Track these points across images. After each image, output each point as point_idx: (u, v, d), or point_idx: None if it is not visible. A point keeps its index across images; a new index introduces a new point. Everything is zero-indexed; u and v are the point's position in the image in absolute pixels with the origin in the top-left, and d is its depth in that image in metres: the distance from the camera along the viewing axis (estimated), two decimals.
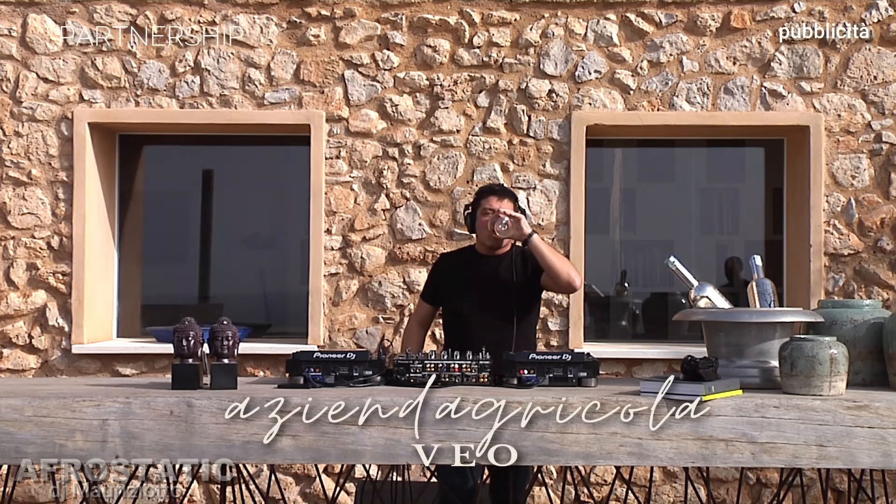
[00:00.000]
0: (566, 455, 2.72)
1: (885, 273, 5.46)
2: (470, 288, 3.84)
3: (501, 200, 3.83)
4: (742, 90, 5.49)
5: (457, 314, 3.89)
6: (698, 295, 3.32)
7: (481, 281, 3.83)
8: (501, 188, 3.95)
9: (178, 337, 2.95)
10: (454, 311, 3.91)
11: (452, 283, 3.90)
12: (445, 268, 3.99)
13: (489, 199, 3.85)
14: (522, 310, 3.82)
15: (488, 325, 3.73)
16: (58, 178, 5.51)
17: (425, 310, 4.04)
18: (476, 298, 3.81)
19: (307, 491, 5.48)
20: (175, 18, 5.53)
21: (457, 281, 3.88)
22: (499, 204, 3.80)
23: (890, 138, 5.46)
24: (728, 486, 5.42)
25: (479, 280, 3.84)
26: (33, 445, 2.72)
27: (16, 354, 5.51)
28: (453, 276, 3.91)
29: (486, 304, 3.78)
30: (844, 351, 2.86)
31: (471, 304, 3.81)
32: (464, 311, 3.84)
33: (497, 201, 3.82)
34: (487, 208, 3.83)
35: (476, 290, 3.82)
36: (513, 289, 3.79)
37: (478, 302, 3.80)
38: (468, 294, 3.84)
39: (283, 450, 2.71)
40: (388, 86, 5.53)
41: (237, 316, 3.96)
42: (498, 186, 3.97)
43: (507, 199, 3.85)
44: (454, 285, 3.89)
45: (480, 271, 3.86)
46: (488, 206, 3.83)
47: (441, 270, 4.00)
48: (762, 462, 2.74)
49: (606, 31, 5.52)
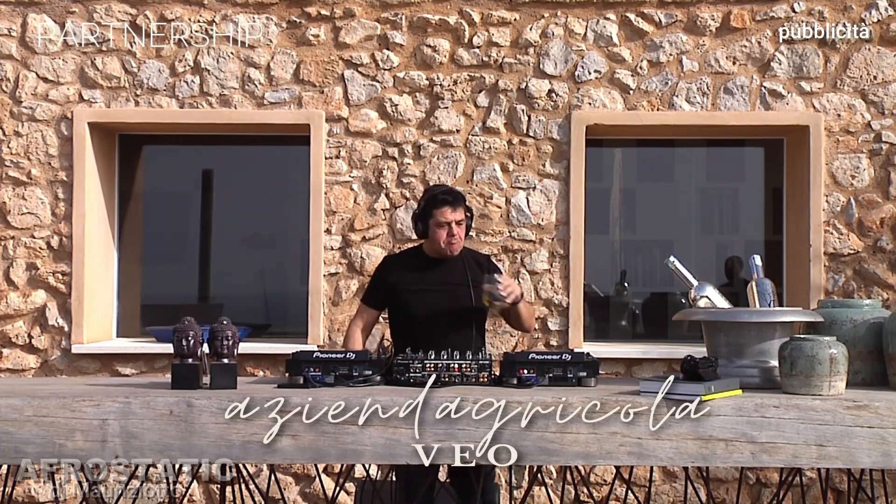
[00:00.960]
0: (566, 455, 2.72)
1: (884, 273, 5.46)
2: (422, 290, 3.82)
3: (455, 211, 3.79)
4: (742, 90, 5.49)
5: (407, 317, 3.85)
6: (698, 295, 3.32)
7: (434, 283, 3.82)
8: (453, 196, 3.84)
9: (177, 337, 2.94)
10: (405, 313, 3.86)
11: (402, 286, 3.85)
12: (393, 271, 3.93)
13: (443, 210, 3.78)
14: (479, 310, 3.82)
15: (445, 326, 3.72)
16: (57, 178, 5.51)
17: (369, 314, 3.96)
18: (428, 301, 3.79)
19: (307, 491, 5.48)
20: (175, 18, 5.53)
21: (409, 283, 3.85)
22: (453, 215, 3.78)
23: (890, 138, 5.46)
24: (728, 486, 5.42)
25: (432, 282, 3.83)
26: (33, 445, 2.72)
27: (15, 354, 5.51)
28: (404, 277, 3.87)
29: (440, 307, 3.77)
30: (844, 351, 2.86)
31: (423, 306, 3.79)
32: (416, 313, 3.80)
33: (451, 213, 3.78)
34: (442, 221, 3.78)
35: (429, 293, 3.81)
36: (467, 292, 3.77)
37: (430, 304, 3.78)
38: (420, 297, 3.81)
39: (282, 449, 2.71)
40: (388, 85, 5.53)
41: (237, 316, 3.96)
42: (449, 195, 3.85)
43: (461, 208, 3.81)
44: (406, 287, 3.84)
45: (434, 273, 3.85)
46: (442, 217, 3.78)
47: (388, 274, 3.93)
48: (762, 462, 2.74)
49: (606, 31, 5.52)
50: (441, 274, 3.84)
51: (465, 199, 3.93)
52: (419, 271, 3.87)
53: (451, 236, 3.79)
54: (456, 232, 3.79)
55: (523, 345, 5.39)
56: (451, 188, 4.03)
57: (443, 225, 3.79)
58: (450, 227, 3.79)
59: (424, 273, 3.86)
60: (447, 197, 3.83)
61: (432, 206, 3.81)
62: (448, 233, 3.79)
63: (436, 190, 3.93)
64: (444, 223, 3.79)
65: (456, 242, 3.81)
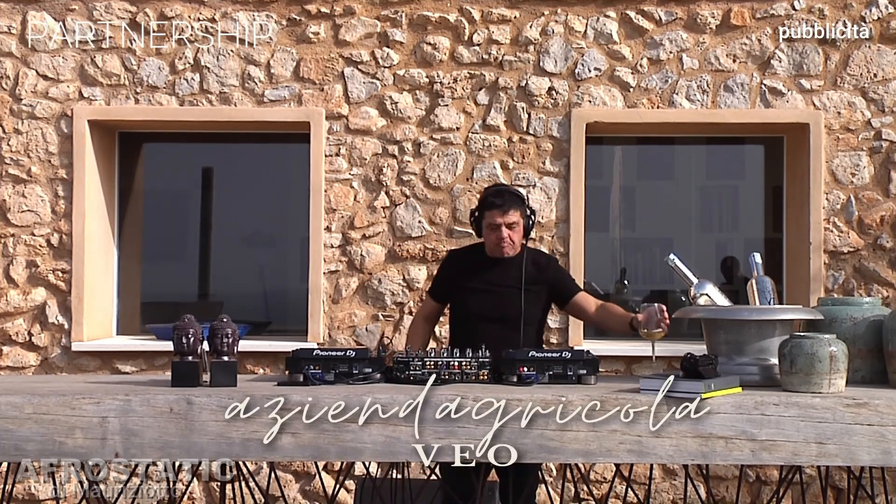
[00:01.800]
0: (566, 452, 2.72)
1: (884, 271, 5.46)
2: (479, 289, 3.80)
3: (506, 214, 3.72)
4: (742, 88, 5.48)
5: (464, 314, 3.85)
6: (698, 292, 3.32)
7: (490, 283, 3.79)
8: (502, 199, 3.75)
9: (177, 334, 2.94)
10: (461, 310, 3.87)
11: (461, 282, 3.84)
12: (455, 266, 3.93)
13: (492, 213, 3.72)
14: (529, 314, 3.78)
15: (495, 327, 3.69)
16: (57, 176, 5.51)
17: (432, 306, 3.99)
18: (484, 300, 3.77)
19: (307, 488, 5.49)
20: (175, 16, 5.53)
21: (466, 280, 3.83)
22: (503, 218, 3.71)
23: (890, 136, 5.46)
24: (728, 484, 5.42)
25: (488, 282, 3.79)
26: (33, 443, 2.72)
27: (15, 352, 5.52)
28: (462, 275, 3.86)
29: (494, 306, 3.75)
30: (844, 348, 2.86)
31: (479, 304, 3.78)
32: (471, 311, 3.80)
33: (501, 216, 3.72)
34: (492, 223, 3.73)
35: (484, 292, 3.78)
36: (521, 294, 3.74)
37: (486, 303, 3.76)
38: (477, 295, 3.79)
39: (282, 447, 2.71)
40: (388, 83, 5.53)
41: (237, 313, 3.96)
42: (499, 198, 3.75)
43: (512, 211, 3.72)
44: (463, 284, 3.83)
45: (490, 273, 3.81)
46: (492, 220, 3.73)
47: (450, 268, 3.94)
48: (762, 459, 2.74)
49: (606, 29, 5.51)
50: (496, 275, 3.79)
51: (523, 198, 3.84)
52: (476, 270, 3.83)
53: (500, 240, 3.72)
54: (506, 235, 3.72)
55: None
56: (505, 189, 3.88)
57: (493, 228, 3.73)
58: (499, 230, 3.72)
59: (481, 272, 3.81)
60: (496, 199, 3.74)
61: (484, 208, 3.76)
62: (498, 236, 3.72)
63: (488, 191, 3.85)
64: (494, 226, 3.73)
65: (507, 246, 3.73)
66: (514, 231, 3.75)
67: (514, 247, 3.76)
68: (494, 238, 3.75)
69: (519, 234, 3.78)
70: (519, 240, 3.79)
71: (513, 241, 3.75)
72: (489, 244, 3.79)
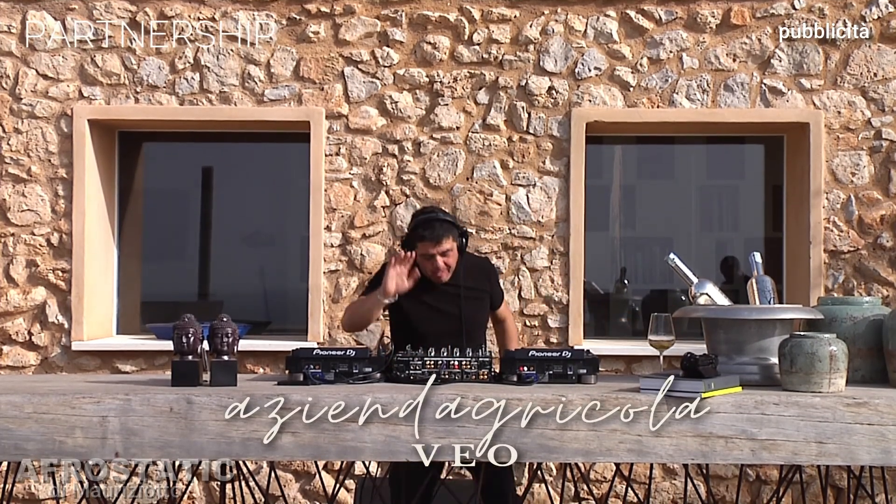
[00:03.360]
0: (566, 452, 2.72)
1: (884, 270, 5.46)
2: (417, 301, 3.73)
3: (438, 245, 3.65)
4: (742, 87, 5.48)
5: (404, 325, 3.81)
6: (698, 292, 3.32)
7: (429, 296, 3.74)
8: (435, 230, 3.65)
9: (177, 334, 2.94)
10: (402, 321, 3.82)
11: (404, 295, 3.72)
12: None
13: (425, 245, 3.67)
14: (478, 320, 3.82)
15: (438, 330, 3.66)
16: (57, 175, 5.51)
17: None
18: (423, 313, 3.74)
19: (307, 488, 5.49)
20: (175, 15, 5.53)
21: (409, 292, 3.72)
22: (436, 249, 3.65)
23: (890, 135, 5.46)
24: (728, 483, 5.42)
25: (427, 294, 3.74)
26: (33, 442, 2.72)
27: (15, 351, 5.52)
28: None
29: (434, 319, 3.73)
30: (844, 348, 2.86)
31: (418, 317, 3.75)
32: (411, 323, 3.76)
33: (433, 247, 3.65)
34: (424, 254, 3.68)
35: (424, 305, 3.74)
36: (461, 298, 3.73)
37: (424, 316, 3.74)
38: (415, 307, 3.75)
39: (283, 446, 2.71)
40: (388, 83, 5.53)
41: (237, 313, 3.96)
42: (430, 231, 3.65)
43: (445, 240, 3.66)
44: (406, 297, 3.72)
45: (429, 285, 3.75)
46: (424, 251, 3.68)
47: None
48: (762, 459, 2.74)
49: (606, 28, 5.51)
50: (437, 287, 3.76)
51: (453, 222, 3.74)
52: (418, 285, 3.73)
53: (437, 269, 3.70)
54: (441, 264, 3.68)
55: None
56: (433, 217, 3.72)
57: (428, 258, 3.70)
58: (434, 260, 3.69)
59: (422, 283, 3.73)
60: (426, 232, 3.67)
61: (415, 240, 3.70)
62: (434, 265, 3.70)
63: (418, 220, 3.74)
64: (428, 255, 3.70)
65: (443, 273, 3.71)
66: (449, 256, 3.70)
67: (450, 271, 3.73)
68: (430, 267, 3.70)
69: (454, 257, 3.73)
70: (454, 262, 3.74)
71: (448, 265, 3.71)
72: (425, 272, 3.72)
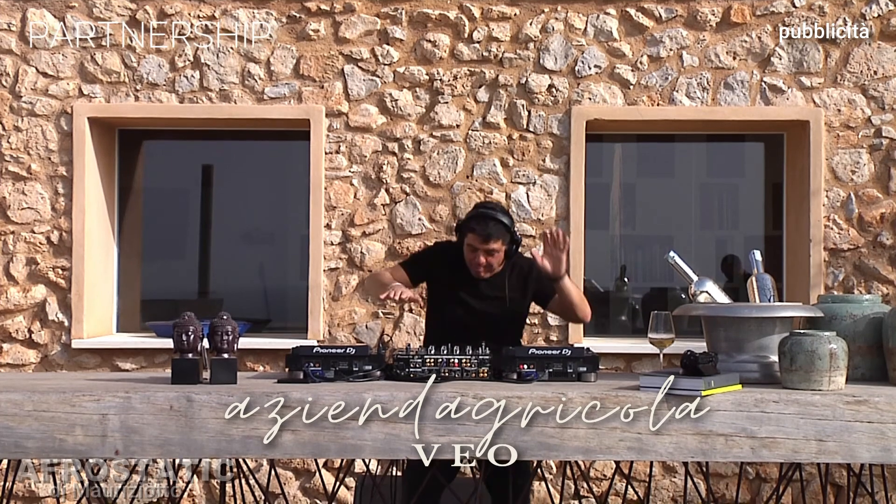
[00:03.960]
0: (566, 450, 2.72)
1: (884, 268, 5.46)
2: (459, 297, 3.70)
3: (486, 243, 3.57)
4: (742, 85, 5.48)
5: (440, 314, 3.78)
6: (698, 290, 3.32)
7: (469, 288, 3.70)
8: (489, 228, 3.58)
9: (177, 332, 2.94)
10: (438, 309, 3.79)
11: (443, 283, 3.75)
12: (443, 261, 3.79)
13: (474, 237, 3.59)
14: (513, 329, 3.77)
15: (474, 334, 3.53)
16: (57, 173, 5.51)
17: (402, 277, 3.72)
18: (461, 305, 3.69)
19: (307, 486, 5.49)
20: (175, 13, 5.53)
21: (448, 282, 3.73)
22: (483, 245, 3.58)
23: (890, 133, 5.46)
24: (727, 481, 5.43)
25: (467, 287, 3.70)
26: (33, 440, 2.72)
27: (15, 349, 5.52)
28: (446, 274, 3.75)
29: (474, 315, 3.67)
30: (844, 346, 2.86)
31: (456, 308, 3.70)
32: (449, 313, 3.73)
33: (481, 242, 3.58)
34: (470, 245, 3.63)
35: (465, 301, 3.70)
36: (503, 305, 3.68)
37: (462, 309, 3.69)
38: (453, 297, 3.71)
39: (283, 445, 2.71)
40: (388, 80, 5.53)
41: (237, 311, 3.94)
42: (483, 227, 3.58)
43: (493, 241, 3.58)
44: (444, 286, 3.74)
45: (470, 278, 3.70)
46: (471, 242, 3.63)
47: (437, 261, 3.80)
48: (761, 457, 2.74)
49: (606, 26, 5.51)
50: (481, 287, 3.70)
51: (509, 227, 3.63)
52: (459, 271, 3.72)
53: (478, 264, 3.63)
54: (483, 261, 3.61)
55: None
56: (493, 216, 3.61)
57: (472, 249, 3.64)
58: (477, 255, 3.62)
59: (464, 275, 3.70)
60: (476, 227, 3.59)
61: (466, 229, 3.64)
62: (476, 259, 3.63)
63: (475, 212, 3.69)
64: (473, 248, 3.64)
65: (482, 270, 3.64)
66: (494, 257, 3.64)
67: (490, 270, 3.66)
68: (472, 258, 3.65)
69: (499, 259, 3.66)
70: (498, 264, 3.67)
71: (490, 265, 3.64)
72: (467, 260, 3.68)
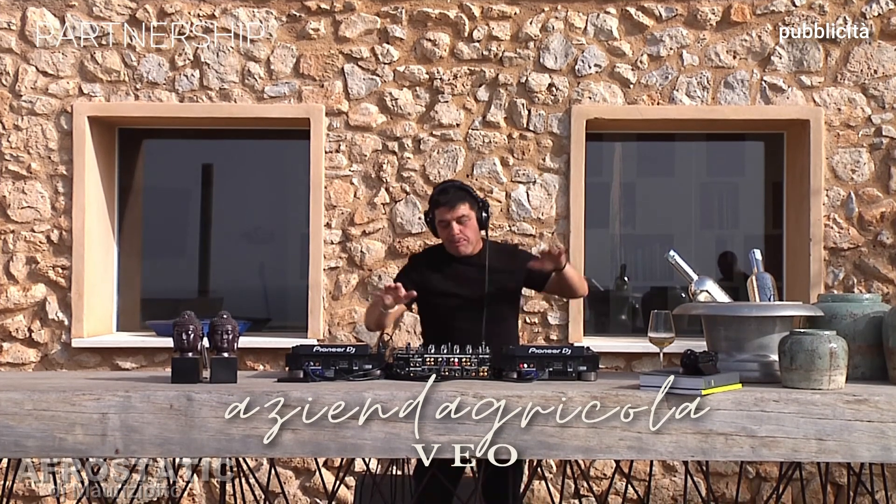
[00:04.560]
0: (566, 449, 2.73)
1: (884, 267, 5.46)
2: (446, 289, 3.73)
3: (453, 210, 3.65)
4: (742, 84, 5.48)
5: (434, 313, 3.80)
6: (698, 289, 3.32)
7: (457, 283, 3.73)
8: (448, 194, 3.69)
9: (177, 331, 2.94)
10: (431, 310, 3.81)
11: (427, 285, 3.74)
12: (418, 269, 3.83)
13: (440, 211, 3.68)
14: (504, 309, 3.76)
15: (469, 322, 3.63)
16: (57, 172, 5.51)
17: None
18: (453, 298, 3.71)
19: (307, 485, 5.49)
20: (175, 12, 5.52)
21: (431, 283, 3.75)
22: (451, 214, 3.65)
23: (890, 132, 5.46)
24: (727, 480, 5.43)
25: (455, 282, 3.73)
26: (33, 439, 2.72)
27: (15, 348, 5.52)
28: (427, 277, 3.77)
29: (465, 303, 3.69)
30: (844, 345, 2.86)
31: (448, 302, 3.72)
32: (440, 310, 3.75)
33: (448, 212, 3.65)
34: (441, 220, 3.69)
35: (453, 291, 3.72)
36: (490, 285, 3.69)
37: (456, 301, 3.71)
38: (444, 294, 3.73)
39: (283, 444, 2.72)
40: (388, 80, 5.53)
41: (237, 310, 3.95)
42: (444, 196, 3.69)
43: (459, 205, 3.66)
44: (429, 286, 3.74)
45: (455, 272, 3.74)
46: (441, 218, 3.69)
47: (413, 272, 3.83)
48: (761, 456, 2.74)
49: (606, 25, 5.51)
50: (462, 272, 3.74)
51: (469, 191, 3.75)
52: (441, 271, 3.77)
53: (452, 236, 3.68)
54: (457, 230, 3.67)
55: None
56: (450, 185, 3.81)
57: (444, 225, 3.70)
58: (450, 227, 3.67)
59: (446, 273, 3.76)
60: (440, 197, 3.70)
61: (432, 207, 3.73)
62: (450, 233, 3.68)
63: (435, 189, 3.81)
64: (444, 223, 3.69)
65: (461, 241, 3.69)
66: (467, 226, 3.68)
67: (469, 242, 3.71)
68: (447, 235, 3.70)
69: (473, 228, 3.71)
70: (474, 234, 3.72)
71: (466, 236, 3.69)
72: (445, 243, 3.75)
